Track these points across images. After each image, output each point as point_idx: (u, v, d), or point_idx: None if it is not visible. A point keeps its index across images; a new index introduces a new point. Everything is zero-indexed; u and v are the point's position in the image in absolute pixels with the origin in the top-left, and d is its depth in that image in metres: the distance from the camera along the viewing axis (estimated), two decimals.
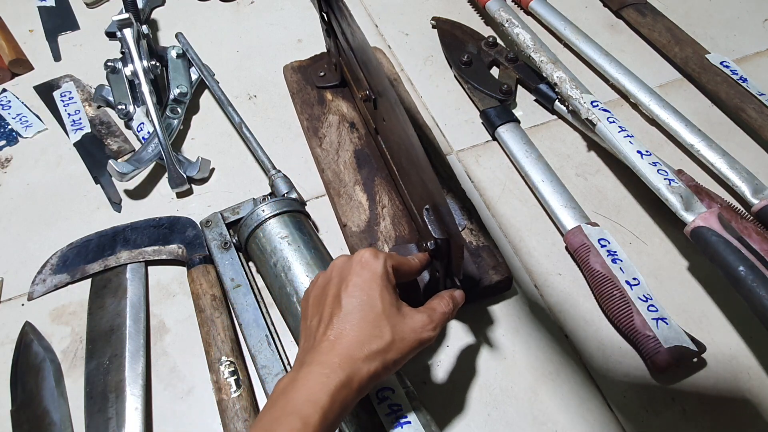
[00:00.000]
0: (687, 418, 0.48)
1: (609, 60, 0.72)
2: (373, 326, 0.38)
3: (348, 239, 0.58)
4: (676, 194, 0.54)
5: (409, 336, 0.40)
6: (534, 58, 0.68)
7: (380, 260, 0.41)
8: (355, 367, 0.37)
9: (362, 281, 0.40)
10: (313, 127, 0.67)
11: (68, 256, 0.60)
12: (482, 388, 0.51)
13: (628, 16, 0.79)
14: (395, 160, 0.59)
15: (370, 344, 0.38)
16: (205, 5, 0.87)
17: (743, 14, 0.80)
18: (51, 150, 0.71)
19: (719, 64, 0.69)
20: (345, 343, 0.38)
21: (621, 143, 0.58)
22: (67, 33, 0.84)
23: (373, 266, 0.40)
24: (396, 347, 0.39)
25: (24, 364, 0.53)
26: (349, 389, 0.36)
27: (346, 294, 0.39)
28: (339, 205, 0.60)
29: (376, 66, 0.49)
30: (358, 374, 0.37)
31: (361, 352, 0.37)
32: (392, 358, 0.39)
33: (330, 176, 0.63)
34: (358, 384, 0.37)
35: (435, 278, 0.51)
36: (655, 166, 0.56)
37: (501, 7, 0.75)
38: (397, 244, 0.57)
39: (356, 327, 0.38)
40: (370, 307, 0.39)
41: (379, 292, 0.39)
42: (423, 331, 0.40)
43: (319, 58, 0.74)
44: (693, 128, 0.64)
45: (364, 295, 0.39)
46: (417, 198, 0.55)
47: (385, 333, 0.38)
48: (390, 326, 0.39)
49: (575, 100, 0.63)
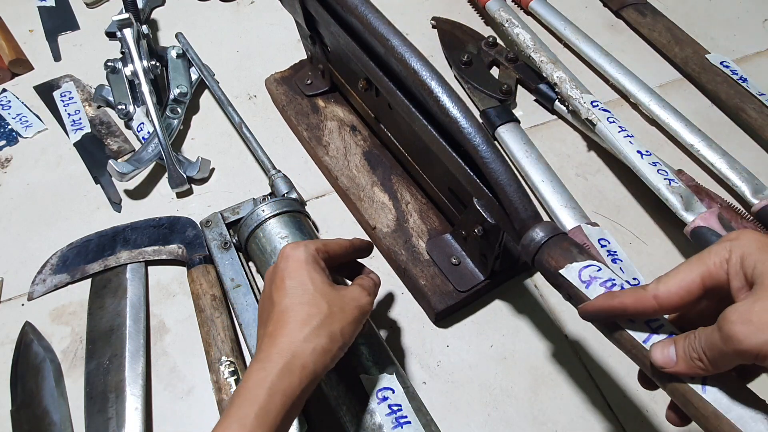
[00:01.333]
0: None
1: (609, 60, 0.72)
2: (309, 305, 0.39)
3: (381, 242, 0.58)
4: (676, 194, 0.54)
5: (349, 304, 0.41)
6: (534, 58, 0.68)
7: (300, 247, 0.42)
8: (296, 350, 0.37)
9: (288, 272, 0.41)
10: (315, 136, 0.66)
11: (68, 256, 0.60)
12: (482, 388, 0.51)
13: (628, 16, 0.79)
14: (409, 148, 0.58)
15: (309, 322, 0.38)
16: (205, 5, 0.87)
17: (743, 14, 0.80)
18: (51, 150, 0.71)
19: (719, 64, 0.69)
20: (284, 332, 0.38)
21: (621, 143, 0.58)
22: (67, 33, 0.84)
23: (294, 255, 0.41)
24: (338, 317, 0.39)
25: (24, 364, 0.53)
26: (292, 374, 0.36)
27: (277, 290, 0.40)
28: (363, 209, 0.59)
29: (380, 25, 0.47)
30: (301, 356, 0.37)
31: (301, 333, 0.38)
32: (338, 328, 0.39)
33: (346, 182, 0.62)
34: (302, 365, 0.37)
35: (482, 262, 0.52)
36: (655, 166, 0.56)
37: (501, 7, 0.75)
38: (431, 237, 0.56)
39: (292, 313, 0.39)
40: (303, 291, 0.40)
41: (307, 275, 0.40)
42: (361, 299, 0.42)
43: (300, 67, 0.73)
44: (693, 128, 0.64)
45: (293, 283, 0.40)
46: (442, 186, 0.55)
47: (323, 307, 0.39)
48: (326, 300, 0.40)
49: (575, 100, 0.63)
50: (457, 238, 0.55)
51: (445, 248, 0.55)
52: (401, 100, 0.50)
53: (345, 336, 0.40)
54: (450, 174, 0.50)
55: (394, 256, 0.56)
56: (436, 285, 0.54)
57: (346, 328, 0.40)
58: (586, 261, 0.38)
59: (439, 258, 0.55)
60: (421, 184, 0.60)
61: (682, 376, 0.30)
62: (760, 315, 0.27)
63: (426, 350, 0.53)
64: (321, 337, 0.38)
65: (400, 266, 0.56)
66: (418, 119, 0.49)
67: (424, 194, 0.60)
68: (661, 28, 0.76)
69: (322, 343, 0.38)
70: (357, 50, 0.53)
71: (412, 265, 0.55)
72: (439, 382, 0.52)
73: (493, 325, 0.54)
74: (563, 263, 0.38)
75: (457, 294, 0.53)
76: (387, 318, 0.56)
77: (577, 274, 0.37)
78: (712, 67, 0.70)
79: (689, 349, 0.30)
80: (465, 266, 0.54)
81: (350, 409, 0.44)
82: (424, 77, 0.44)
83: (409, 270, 0.55)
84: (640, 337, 0.33)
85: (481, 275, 0.53)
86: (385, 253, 0.58)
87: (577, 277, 0.37)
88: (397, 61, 0.45)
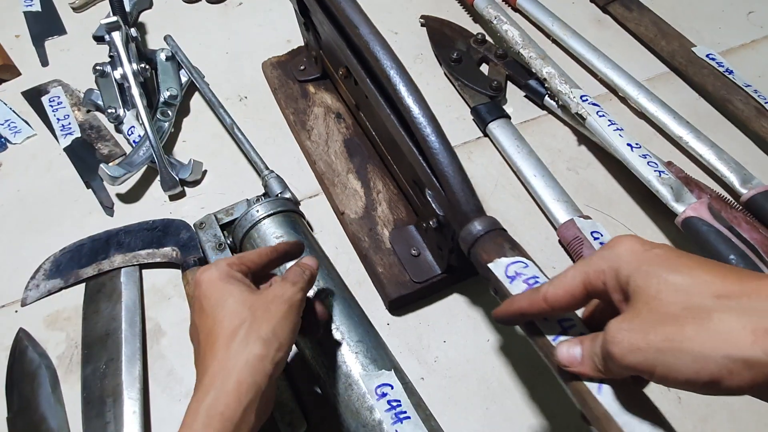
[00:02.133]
0: (682, 405, 0.49)
1: (597, 55, 0.73)
2: (231, 319, 0.37)
3: (347, 227, 0.59)
4: (666, 185, 0.54)
5: (274, 302, 0.39)
6: (523, 54, 0.69)
7: (211, 268, 0.40)
8: (227, 369, 0.35)
9: (204, 295, 0.39)
10: (300, 120, 0.67)
11: (61, 261, 0.60)
12: (480, 383, 0.51)
13: (615, 11, 0.80)
14: (383, 138, 0.59)
15: (235, 336, 0.36)
16: (193, 7, 0.86)
17: (728, 7, 0.81)
18: (41, 155, 0.70)
19: (705, 57, 0.70)
20: (212, 354, 0.36)
21: (611, 136, 0.58)
22: (54, 38, 0.83)
23: (205, 277, 0.40)
24: (264, 319, 0.38)
25: (19, 371, 0.53)
26: (228, 395, 0.34)
27: (198, 316, 0.39)
28: (335, 195, 0.61)
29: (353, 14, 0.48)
30: (234, 372, 0.35)
31: (228, 350, 0.36)
32: (267, 330, 0.37)
33: (322, 167, 0.63)
34: (237, 382, 0.35)
35: (439, 255, 0.52)
36: (645, 158, 0.56)
37: (489, 5, 0.75)
38: (396, 227, 0.57)
39: (217, 332, 0.37)
40: (221, 307, 0.38)
41: (222, 290, 0.39)
42: (285, 292, 0.40)
43: (297, 53, 0.74)
44: (681, 120, 0.65)
45: (210, 303, 0.38)
46: (408, 177, 0.56)
47: (245, 315, 0.37)
48: (248, 307, 0.38)
49: (565, 95, 0.64)
50: (420, 230, 0.56)
51: (408, 239, 0.56)
52: (370, 87, 0.51)
53: (280, 335, 0.38)
54: (413, 166, 0.51)
55: (358, 242, 0.57)
56: (393, 274, 0.54)
57: (278, 327, 0.38)
58: (515, 257, 0.38)
59: (400, 248, 0.56)
60: (393, 174, 0.61)
61: (583, 376, 0.31)
62: (631, 335, 0.27)
63: (423, 346, 0.54)
64: (251, 345, 0.36)
65: (362, 252, 0.57)
66: (383, 108, 0.50)
67: (396, 185, 0.61)
68: (648, 22, 0.77)
69: (254, 352, 0.36)
70: (338, 38, 0.54)
71: (372, 252, 0.56)
72: (437, 377, 0.52)
73: (490, 320, 0.55)
74: (493, 257, 0.39)
75: (412, 284, 0.54)
76: (385, 314, 0.56)
77: (504, 269, 0.38)
78: (698, 60, 0.70)
79: (590, 352, 0.30)
80: (424, 258, 0.55)
81: (349, 406, 0.44)
82: (385, 65, 0.45)
83: (370, 257, 0.56)
84: (550, 336, 0.33)
85: (438, 269, 0.54)
86: (351, 238, 0.59)
87: (504, 272, 0.38)
88: (363, 48, 0.46)
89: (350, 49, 0.53)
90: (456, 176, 0.43)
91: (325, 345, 0.47)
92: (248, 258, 0.43)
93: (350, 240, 0.60)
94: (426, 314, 0.55)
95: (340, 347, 0.46)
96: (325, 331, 0.47)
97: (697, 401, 0.49)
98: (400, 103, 0.45)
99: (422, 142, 0.44)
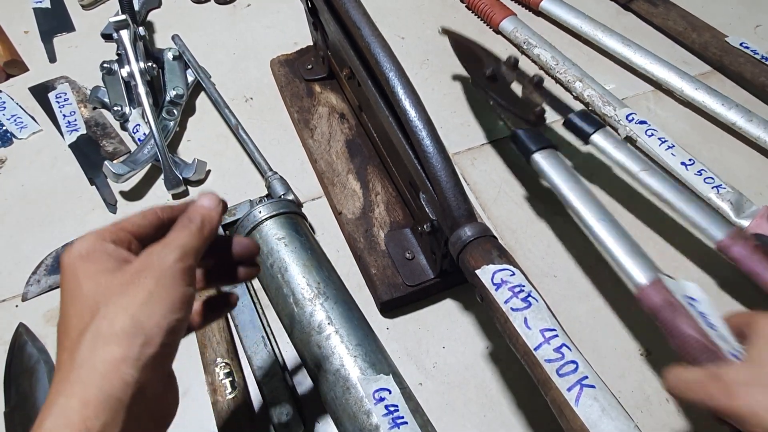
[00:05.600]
0: (682, 416, 0.49)
1: (634, 49, 0.71)
2: (80, 312, 0.29)
3: (344, 227, 0.59)
4: (726, 201, 0.54)
5: (136, 280, 0.29)
6: (561, 79, 0.67)
7: (76, 242, 0.31)
8: (69, 382, 0.27)
9: (62, 280, 0.30)
10: (304, 119, 0.68)
11: None
12: (479, 390, 0.51)
13: (639, 7, 0.80)
14: (383, 140, 0.59)
15: (82, 335, 0.28)
16: (202, 8, 0.87)
17: (735, 21, 0.81)
18: (46, 151, 0.70)
19: (740, 46, 0.71)
20: (58, 364, 0.29)
21: (664, 156, 0.58)
22: (62, 34, 0.83)
23: (65, 256, 0.30)
24: (119, 304, 0.28)
25: (18, 366, 0.53)
26: (66, 426, 0.26)
27: (60, 309, 0.31)
28: (333, 194, 0.61)
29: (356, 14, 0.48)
30: (77, 386, 0.26)
31: (73, 358, 0.28)
32: (123, 323, 0.28)
33: (323, 166, 0.63)
34: (82, 400, 0.26)
35: (433, 259, 0.53)
36: (701, 174, 0.57)
37: (515, 27, 0.74)
38: (392, 229, 0.58)
39: (63, 332, 0.29)
40: (72, 297, 0.30)
41: (78, 272, 0.30)
42: (152, 262, 0.30)
43: (305, 52, 0.75)
44: (731, 104, 0.64)
45: (64, 293, 0.30)
46: (405, 180, 0.56)
47: (94, 306, 0.29)
48: (102, 290, 0.29)
49: (610, 118, 0.62)
50: (415, 234, 0.56)
51: (403, 242, 0.56)
52: (370, 89, 0.52)
53: (145, 325, 0.28)
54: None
55: (353, 242, 0.58)
56: (387, 276, 0.54)
57: (142, 314, 0.28)
58: (502, 265, 0.38)
59: (394, 250, 0.56)
60: (392, 177, 0.61)
61: None
62: None
63: (422, 351, 0.53)
64: (101, 347, 0.27)
65: (356, 253, 0.58)
66: (382, 110, 0.50)
67: (395, 188, 0.61)
68: (675, 16, 0.76)
69: (106, 356, 0.27)
70: (342, 38, 0.54)
71: (367, 253, 0.56)
72: (435, 383, 0.52)
73: (489, 326, 0.55)
74: (481, 264, 0.39)
75: (404, 287, 0.54)
76: (382, 320, 0.56)
77: (490, 276, 0.38)
78: (733, 49, 0.71)
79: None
80: (418, 262, 0.55)
81: (346, 409, 0.44)
82: (384, 68, 0.45)
83: (364, 258, 0.56)
84: None
85: (432, 273, 0.54)
86: (347, 238, 0.60)
87: (490, 279, 0.38)
88: (363, 49, 0.46)
89: (353, 50, 0.54)
90: (448, 181, 0.43)
91: (324, 347, 0.47)
92: (130, 221, 0.32)
93: (346, 240, 0.60)
94: (425, 320, 0.55)
95: (339, 350, 0.46)
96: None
97: (696, 410, 0.49)
98: (397, 105, 0.45)
99: (417, 145, 0.44)
